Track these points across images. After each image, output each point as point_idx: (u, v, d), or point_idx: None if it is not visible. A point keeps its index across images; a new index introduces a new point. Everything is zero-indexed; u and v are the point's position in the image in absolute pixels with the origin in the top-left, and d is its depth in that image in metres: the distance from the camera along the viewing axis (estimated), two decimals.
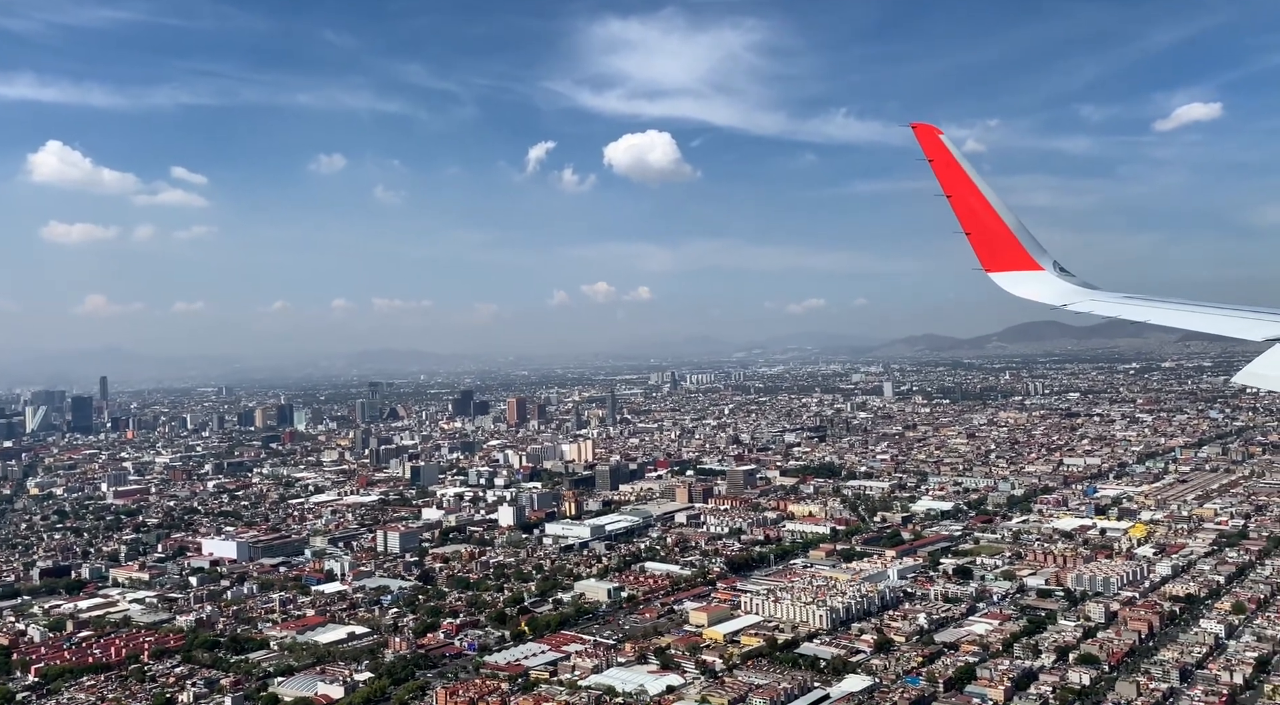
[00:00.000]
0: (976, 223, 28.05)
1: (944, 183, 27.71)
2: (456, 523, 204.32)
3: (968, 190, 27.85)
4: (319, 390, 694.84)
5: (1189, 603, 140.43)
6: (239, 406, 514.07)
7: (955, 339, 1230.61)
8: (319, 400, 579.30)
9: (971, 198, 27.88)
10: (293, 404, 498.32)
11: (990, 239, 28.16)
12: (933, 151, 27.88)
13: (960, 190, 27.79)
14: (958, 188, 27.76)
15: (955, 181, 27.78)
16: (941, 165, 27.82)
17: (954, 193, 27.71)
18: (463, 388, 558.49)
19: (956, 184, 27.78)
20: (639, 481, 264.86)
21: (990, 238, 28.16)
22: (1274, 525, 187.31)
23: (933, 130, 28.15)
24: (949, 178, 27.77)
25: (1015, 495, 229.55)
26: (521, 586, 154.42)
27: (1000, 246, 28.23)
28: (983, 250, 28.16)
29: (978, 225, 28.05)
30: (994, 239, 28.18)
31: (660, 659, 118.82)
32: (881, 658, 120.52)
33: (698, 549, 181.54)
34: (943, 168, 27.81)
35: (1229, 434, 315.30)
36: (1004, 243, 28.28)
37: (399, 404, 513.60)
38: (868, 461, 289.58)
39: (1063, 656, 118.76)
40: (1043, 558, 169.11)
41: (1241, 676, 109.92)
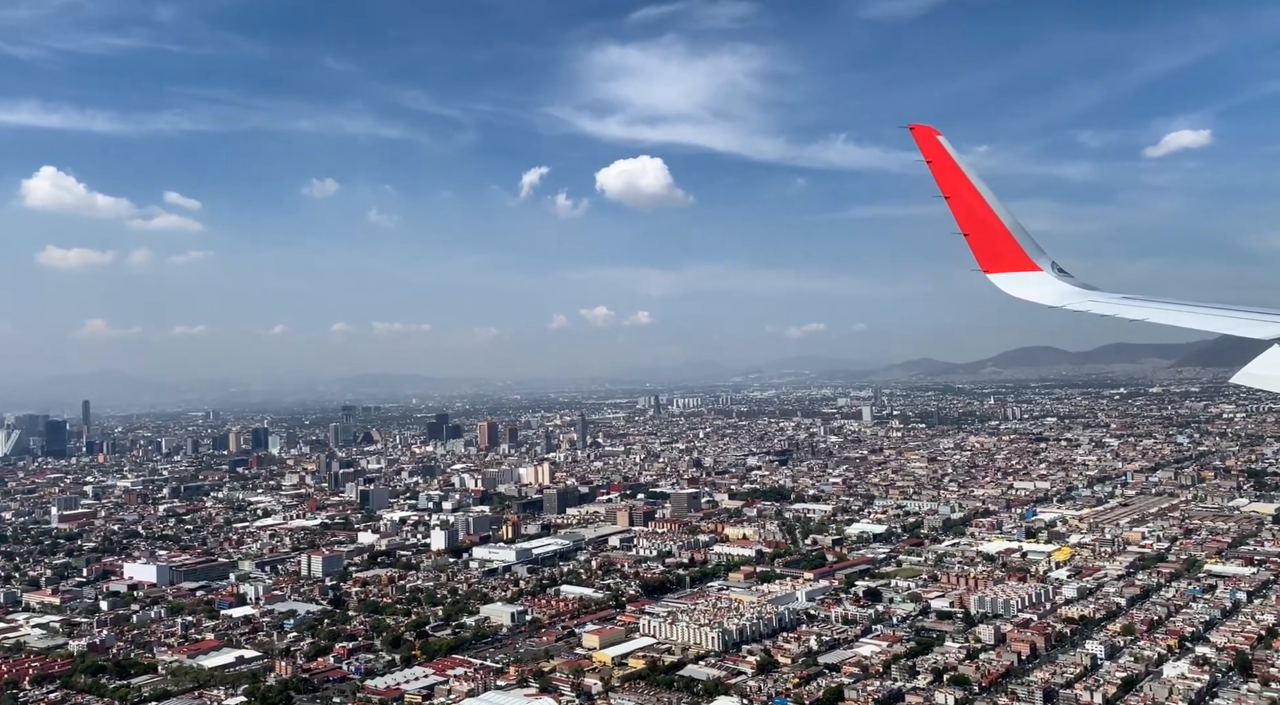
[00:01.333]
0: (975, 224, 28.09)
1: (942, 184, 27.80)
2: (387, 547, 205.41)
3: (966, 191, 27.90)
4: (308, 414, 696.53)
5: (1083, 625, 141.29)
6: (222, 430, 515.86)
7: (951, 364, 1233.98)
8: (303, 424, 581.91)
9: (970, 199, 27.94)
10: (267, 428, 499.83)
11: (989, 240, 28.19)
12: (931, 153, 28.01)
13: (959, 191, 27.84)
14: (956, 189, 27.83)
15: (954, 182, 27.85)
16: (940, 166, 27.91)
17: (952, 194, 27.80)
18: (439, 412, 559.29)
19: (955, 185, 27.84)
20: (588, 505, 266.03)
21: (989, 239, 28.19)
22: (1195, 549, 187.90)
23: (931, 131, 28.34)
24: (947, 179, 27.85)
25: (953, 519, 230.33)
26: (429, 610, 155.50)
27: (999, 247, 28.26)
28: (981, 251, 28.19)
29: (976, 226, 28.09)
30: (992, 240, 28.22)
31: (539, 682, 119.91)
32: (760, 679, 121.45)
33: (619, 572, 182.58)
34: (941, 169, 27.90)
35: (1188, 459, 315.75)
36: (1003, 243, 28.32)
37: (374, 428, 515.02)
38: (820, 485, 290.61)
39: (938, 677, 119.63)
40: (956, 581, 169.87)
41: (1102, 696, 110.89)
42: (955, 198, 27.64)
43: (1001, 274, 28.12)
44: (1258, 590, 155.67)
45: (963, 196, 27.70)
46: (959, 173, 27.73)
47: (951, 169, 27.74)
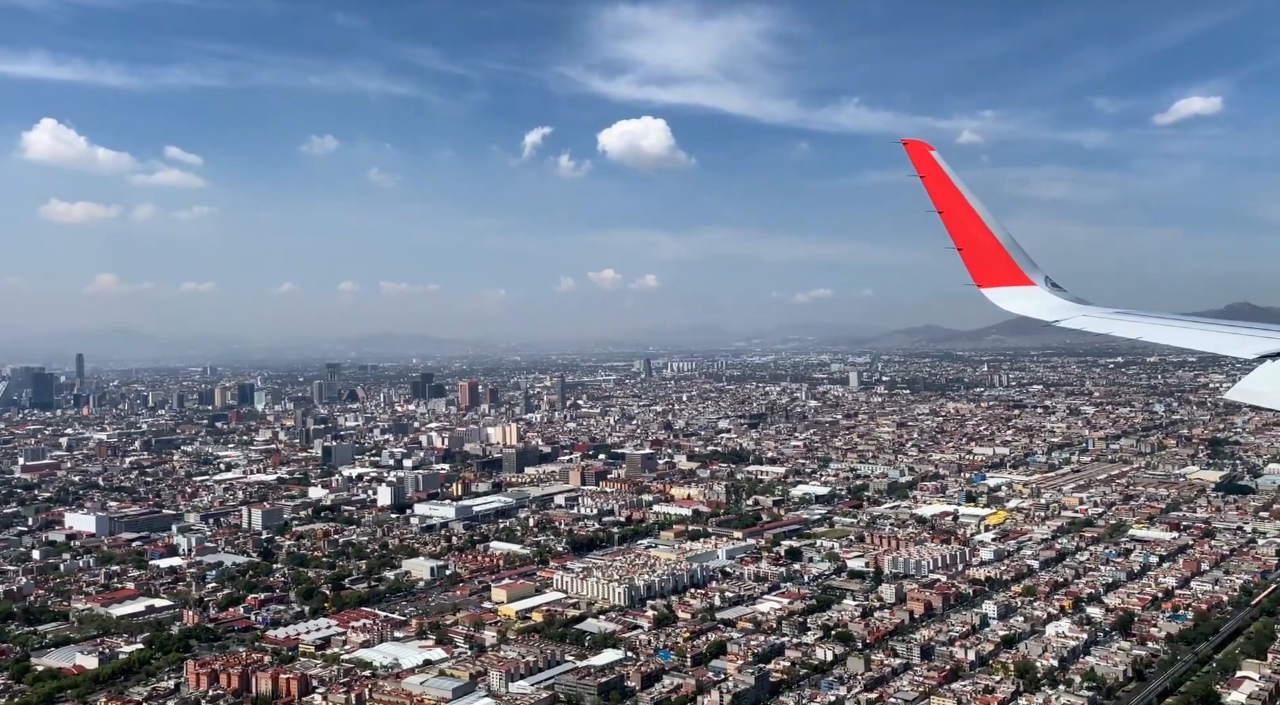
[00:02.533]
0: (968, 238, 28.26)
1: (935, 199, 27.95)
2: (333, 502, 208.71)
3: (959, 206, 28.07)
4: (304, 372, 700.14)
5: (988, 585, 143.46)
6: (216, 385, 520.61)
7: (954, 331, 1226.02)
8: (297, 381, 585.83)
9: (963, 214, 28.10)
10: (254, 384, 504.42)
11: (982, 255, 28.35)
12: (924, 168, 28.16)
13: (952, 206, 28.01)
14: (949, 204, 27.98)
15: (947, 198, 28.01)
16: (933, 181, 28.03)
17: (945, 209, 27.95)
18: (431, 372, 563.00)
19: (948, 200, 28.01)
20: (548, 465, 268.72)
21: (982, 253, 28.35)
22: (1128, 514, 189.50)
23: (924, 147, 28.50)
24: (940, 194, 28.00)
25: (900, 482, 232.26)
26: (354, 564, 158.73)
27: (992, 262, 28.40)
28: (975, 266, 28.37)
29: (969, 241, 28.25)
30: (986, 255, 28.37)
31: (436, 634, 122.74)
32: (653, 633, 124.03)
33: (553, 529, 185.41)
34: (934, 184, 28.03)
35: (1157, 427, 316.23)
36: (996, 258, 28.47)
37: (360, 386, 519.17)
38: (782, 448, 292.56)
39: (827, 634, 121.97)
40: (879, 542, 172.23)
41: (976, 654, 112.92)
42: (948, 213, 27.94)
43: (995, 288, 28.44)
44: (1172, 554, 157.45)
45: (956, 211, 28.02)
46: (952, 188, 28.04)
47: (944, 184, 28.03)
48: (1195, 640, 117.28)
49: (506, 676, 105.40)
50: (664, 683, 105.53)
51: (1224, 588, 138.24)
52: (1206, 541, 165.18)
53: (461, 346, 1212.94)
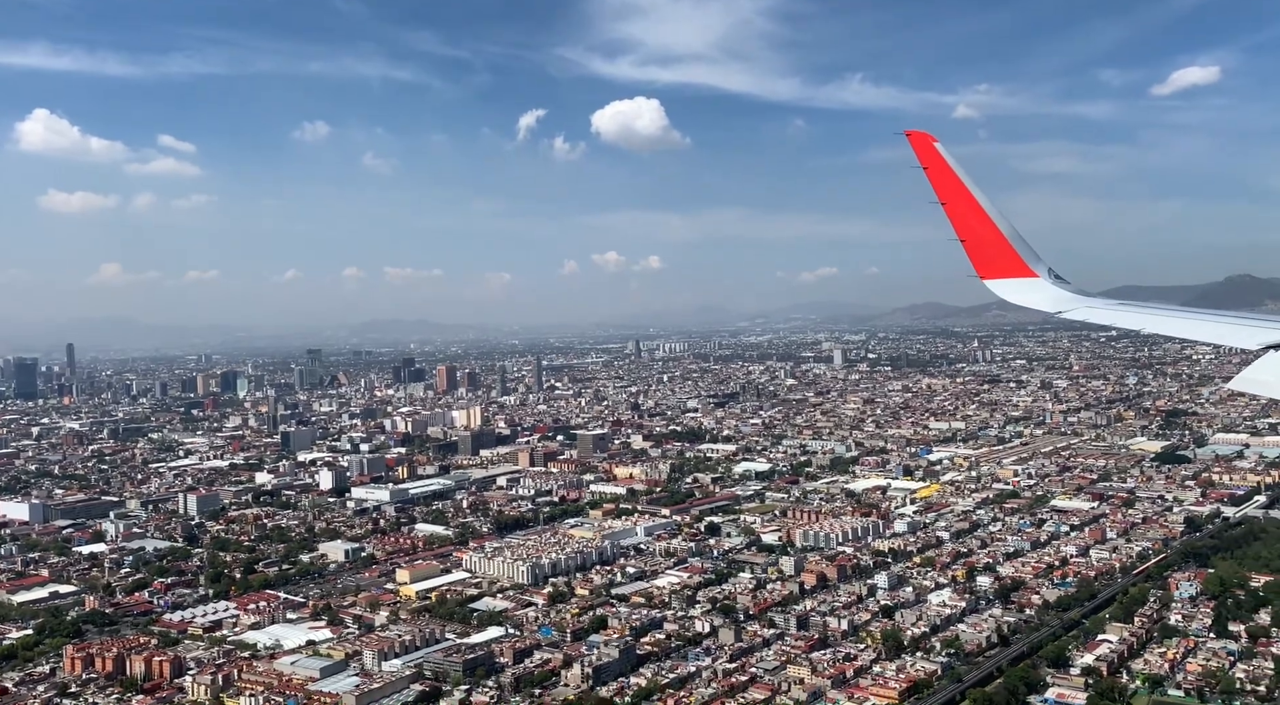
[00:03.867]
0: (971, 230, 28.15)
1: (938, 190, 27.86)
2: (274, 487, 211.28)
3: (962, 198, 27.93)
4: (296, 359, 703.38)
5: (891, 556, 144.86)
6: (208, 373, 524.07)
7: (955, 307, 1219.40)
8: (288, 368, 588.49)
9: (966, 205, 27.99)
10: (236, 371, 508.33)
11: (985, 246, 28.25)
12: (927, 159, 28.07)
13: (955, 198, 27.88)
14: (952, 195, 27.85)
15: (950, 189, 27.87)
16: (936, 173, 27.93)
17: (948, 200, 27.84)
18: (411, 356, 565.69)
19: (951, 192, 27.86)
20: (504, 447, 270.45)
21: (985, 245, 28.24)
22: (1057, 485, 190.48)
23: (927, 138, 28.40)
24: (943, 185, 27.89)
25: (845, 457, 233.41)
26: (274, 548, 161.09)
27: (995, 254, 28.30)
28: (978, 258, 28.32)
29: (972, 233, 28.16)
30: (989, 246, 28.27)
31: (329, 615, 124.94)
32: (546, 610, 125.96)
33: (484, 511, 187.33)
34: (937, 175, 27.92)
35: (1124, 399, 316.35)
36: (999, 250, 28.35)
37: (342, 371, 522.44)
38: (741, 426, 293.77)
39: (714, 606, 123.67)
40: (800, 515, 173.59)
41: (850, 623, 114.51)
42: (951, 204, 27.88)
43: (998, 280, 28.45)
44: (1084, 524, 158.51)
45: (959, 203, 27.93)
46: (955, 179, 27.95)
47: (947, 175, 27.95)
48: (1071, 606, 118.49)
49: (379, 655, 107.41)
50: (534, 658, 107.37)
51: (1120, 555, 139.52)
52: (1123, 511, 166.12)
53: (464, 331, 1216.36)
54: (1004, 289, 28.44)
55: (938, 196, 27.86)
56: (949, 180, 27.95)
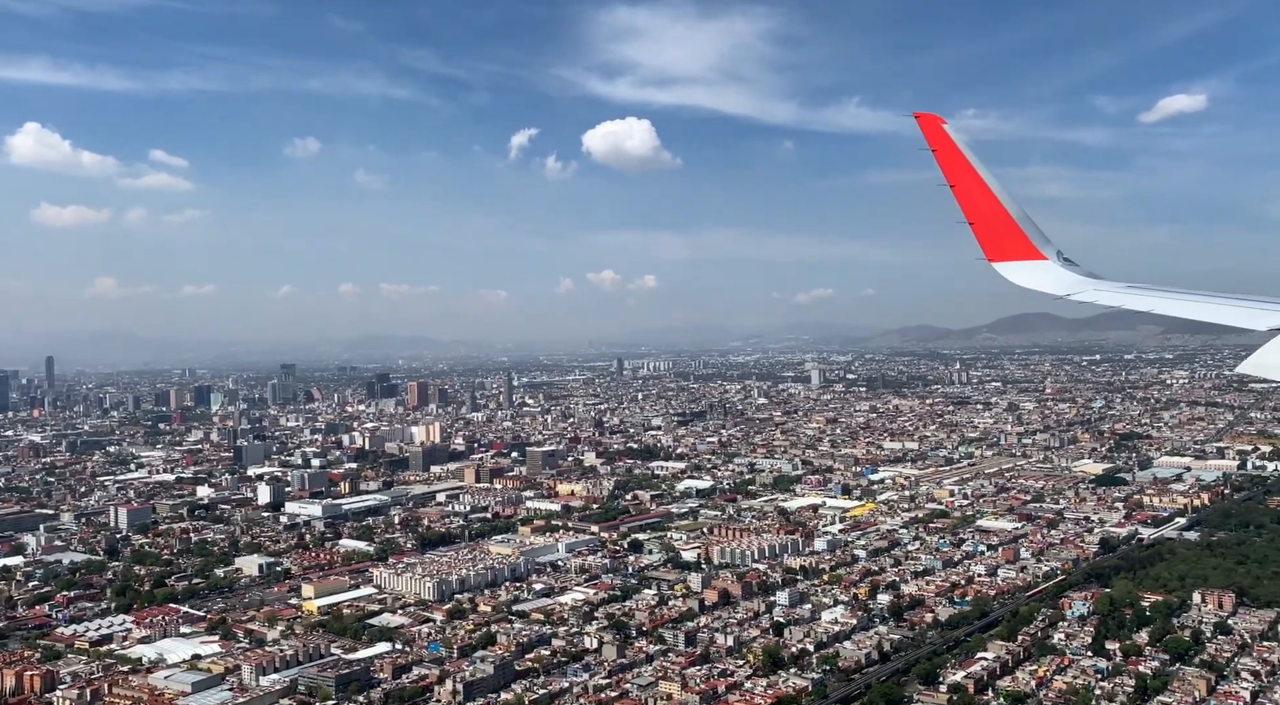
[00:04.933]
0: (979, 213, 27.88)
1: (947, 172, 27.73)
2: (210, 501, 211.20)
3: (971, 180, 27.82)
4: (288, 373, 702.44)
5: (801, 573, 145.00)
6: (173, 387, 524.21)
7: (946, 330, 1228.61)
8: (269, 383, 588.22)
9: (975, 187, 27.83)
10: (210, 386, 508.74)
11: (993, 229, 27.96)
12: (936, 141, 27.93)
13: (963, 180, 27.76)
14: (961, 178, 27.74)
15: (958, 171, 27.79)
16: (945, 155, 27.84)
17: (957, 182, 27.69)
18: (382, 371, 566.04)
19: (960, 174, 27.78)
20: (457, 463, 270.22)
21: (993, 228, 27.97)
22: (989, 506, 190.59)
23: (936, 119, 28.24)
24: (952, 167, 27.78)
25: (791, 475, 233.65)
26: (191, 562, 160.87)
27: (1003, 236, 28.02)
28: (986, 240, 27.99)
29: (980, 215, 27.89)
30: (997, 229, 28.00)
31: (222, 630, 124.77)
32: (443, 626, 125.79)
33: (412, 527, 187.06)
34: (946, 157, 27.82)
35: (1085, 422, 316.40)
36: (1007, 232, 28.10)
37: (315, 386, 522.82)
38: (699, 444, 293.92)
39: (609, 622, 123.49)
40: (726, 533, 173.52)
41: (735, 639, 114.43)
42: (960, 186, 27.71)
43: (1006, 263, 28.11)
44: (1003, 544, 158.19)
45: (967, 185, 27.77)
46: (964, 161, 27.84)
47: (956, 157, 27.81)
48: (960, 624, 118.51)
49: (257, 670, 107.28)
50: (413, 674, 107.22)
51: (1027, 575, 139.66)
52: (1044, 531, 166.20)
53: (457, 347, 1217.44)
54: (1012, 271, 28.14)
55: (946, 179, 27.78)
56: (958, 162, 27.91)
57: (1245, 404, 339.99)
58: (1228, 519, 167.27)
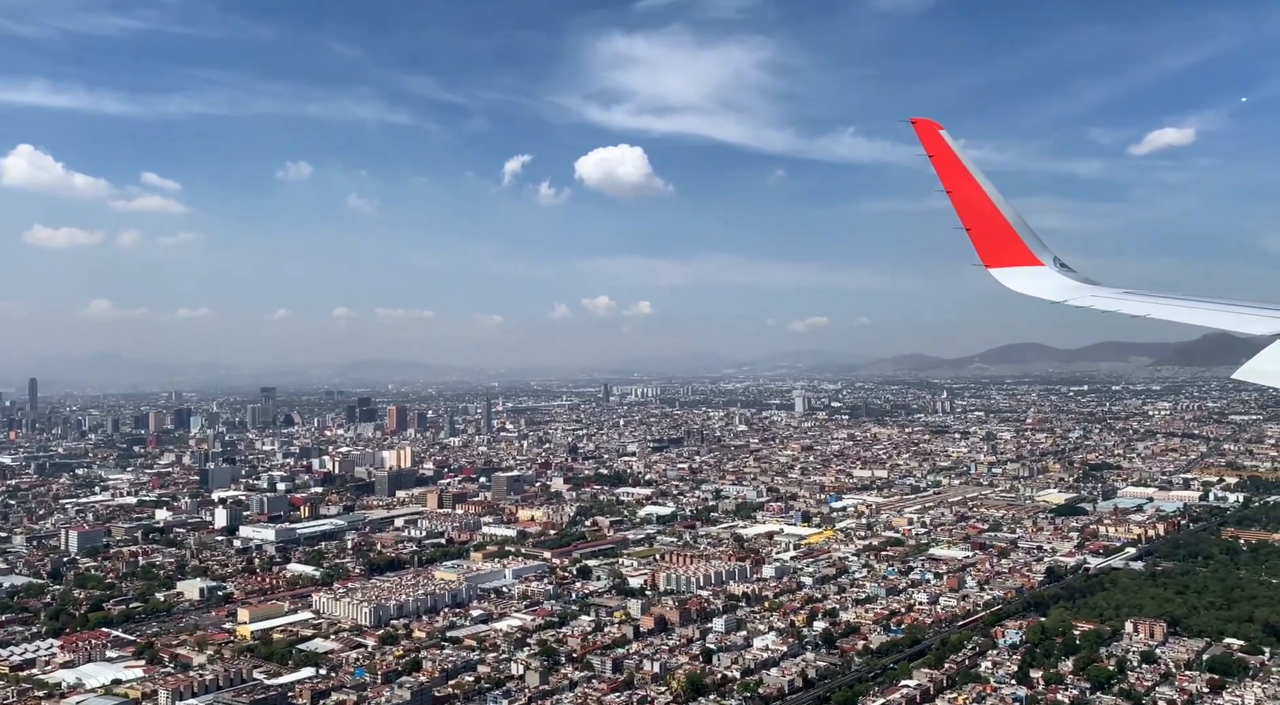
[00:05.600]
0: (977, 218, 27.89)
1: (944, 178, 27.65)
2: (164, 524, 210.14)
3: (968, 185, 27.78)
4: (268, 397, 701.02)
5: (743, 600, 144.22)
6: (153, 410, 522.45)
7: (939, 359, 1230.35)
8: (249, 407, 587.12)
9: (972, 193, 27.81)
10: (190, 409, 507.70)
11: (990, 234, 28.00)
12: (933, 147, 27.89)
13: (960, 186, 27.71)
14: (958, 183, 27.69)
15: (955, 177, 27.70)
16: (941, 161, 27.77)
17: (954, 188, 27.64)
18: (363, 396, 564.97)
19: (957, 179, 27.70)
20: (424, 487, 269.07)
21: (990, 233, 28.00)
22: (946, 534, 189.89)
23: (933, 125, 28.24)
24: (949, 173, 27.71)
25: (755, 502, 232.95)
26: (134, 585, 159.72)
27: (1001, 242, 28.05)
28: (983, 246, 27.97)
29: (978, 221, 27.90)
30: (994, 234, 28.03)
31: (148, 654, 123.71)
32: (374, 651, 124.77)
33: (364, 552, 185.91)
34: (943, 163, 27.76)
35: (1059, 452, 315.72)
36: (1005, 238, 28.12)
37: (297, 410, 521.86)
38: (669, 470, 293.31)
39: (542, 648, 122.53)
40: (676, 559, 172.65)
41: (662, 666, 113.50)
42: (957, 192, 27.72)
43: (1003, 269, 28.06)
44: (952, 572, 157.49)
45: (965, 191, 27.79)
46: (961, 167, 27.86)
47: (953, 163, 27.85)
48: (890, 652, 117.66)
49: (175, 695, 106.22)
50: (331, 699, 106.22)
51: (968, 603, 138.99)
52: (994, 560, 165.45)
53: (449, 372, 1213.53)
54: (1009, 277, 28.06)
55: (943, 185, 27.74)
56: (955, 168, 27.87)
57: (1222, 435, 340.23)
58: (1177, 550, 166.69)
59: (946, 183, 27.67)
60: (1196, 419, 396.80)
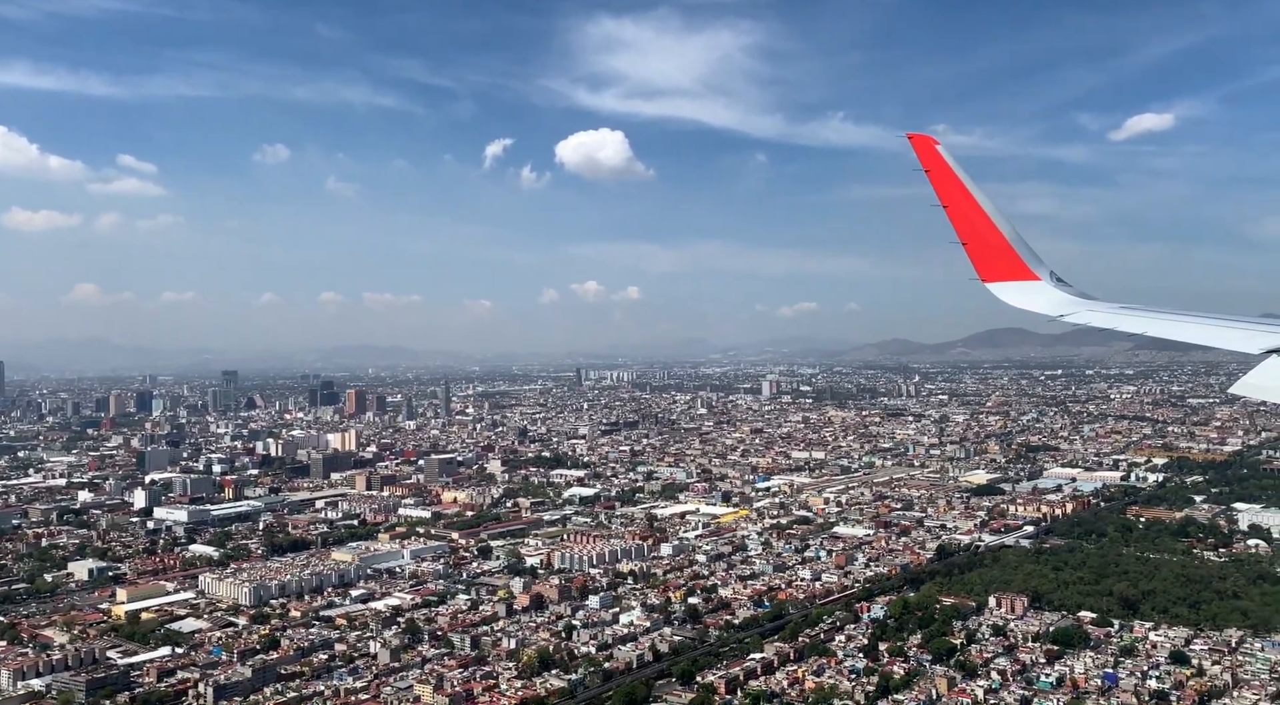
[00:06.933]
0: (973, 233, 27.84)
1: (940, 193, 27.58)
2: (82, 505, 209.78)
3: (964, 200, 27.71)
4: (246, 380, 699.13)
5: (630, 577, 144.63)
6: (112, 393, 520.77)
7: (922, 344, 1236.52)
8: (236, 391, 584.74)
9: (968, 208, 27.76)
10: (152, 391, 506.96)
11: (987, 249, 27.95)
12: (929, 162, 27.88)
13: (957, 200, 27.63)
14: (954, 198, 27.60)
15: (952, 192, 27.64)
16: (937, 176, 27.72)
17: (950, 203, 27.55)
18: (326, 380, 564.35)
19: (953, 194, 27.63)
20: (360, 470, 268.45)
21: (987, 248, 27.95)
22: (858, 514, 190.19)
23: (929, 140, 28.24)
24: (945, 188, 27.62)
25: (682, 483, 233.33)
26: (29, 566, 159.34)
27: (997, 257, 27.99)
28: (979, 261, 27.91)
29: (974, 236, 27.85)
30: (991, 249, 27.98)
31: (9, 635, 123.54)
32: (244, 630, 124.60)
33: (275, 533, 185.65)
34: (939, 178, 27.68)
35: (1004, 435, 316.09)
36: (1001, 253, 28.05)
37: (258, 393, 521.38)
38: (612, 451, 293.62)
39: (407, 627, 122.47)
40: (582, 539, 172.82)
41: (518, 641, 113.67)
42: (953, 207, 27.57)
43: (1000, 283, 28.00)
44: (848, 549, 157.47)
45: (961, 206, 27.66)
46: (957, 182, 27.69)
47: (949, 178, 27.68)
48: (751, 626, 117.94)
49: (17, 674, 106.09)
50: (176, 677, 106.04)
51: (849, 580, 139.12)
52: (889, 538, 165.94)
53: (434, 357, 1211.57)
54: (1006, 292, 27.90)
55: (940, 199, 27.56)
56: (951, 183, 27.70)
57: (1171, 418, 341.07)
58: (1075, 528, 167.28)
59: (943, 197, 27.60)
60: (1155, 402, 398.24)
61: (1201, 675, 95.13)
